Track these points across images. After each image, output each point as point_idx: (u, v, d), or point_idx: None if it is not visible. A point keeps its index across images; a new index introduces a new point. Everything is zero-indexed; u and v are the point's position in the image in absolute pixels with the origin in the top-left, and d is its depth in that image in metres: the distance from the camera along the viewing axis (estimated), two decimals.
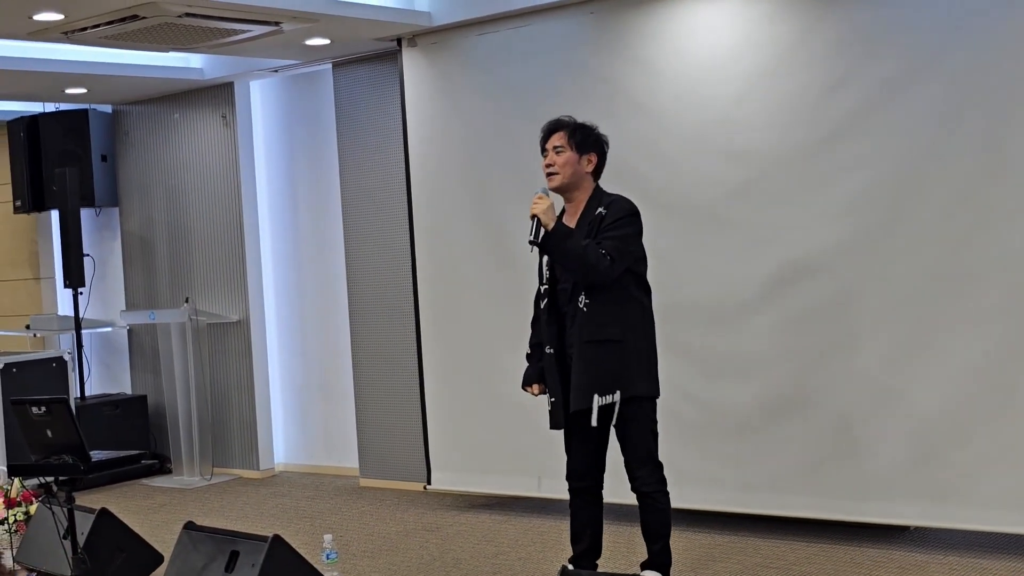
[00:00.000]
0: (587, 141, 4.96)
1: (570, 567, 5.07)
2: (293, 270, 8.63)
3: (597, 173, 5.01)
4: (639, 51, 6.28)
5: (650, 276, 5.96)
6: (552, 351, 4.93)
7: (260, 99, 8.66)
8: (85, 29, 6.14)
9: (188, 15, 5.96)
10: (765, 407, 5.95)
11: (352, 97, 7.84)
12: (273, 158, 8.68)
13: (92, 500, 7.66)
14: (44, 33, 6.27)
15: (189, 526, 5.32)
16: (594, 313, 4.81)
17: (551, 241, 4.78)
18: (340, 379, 8.28)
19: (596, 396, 4.76)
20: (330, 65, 7.94)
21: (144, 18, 5.93)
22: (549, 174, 4.95)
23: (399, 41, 7.17)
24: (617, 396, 4.78)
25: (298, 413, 8.70)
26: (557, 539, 6.08)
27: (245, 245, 8.53)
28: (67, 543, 5.17)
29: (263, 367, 8.62)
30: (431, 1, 6.89)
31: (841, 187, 5.67)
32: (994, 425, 5.33)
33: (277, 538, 4.89)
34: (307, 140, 8.45)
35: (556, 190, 4.96)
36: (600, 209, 4.88)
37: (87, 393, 9.14)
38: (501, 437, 6.87)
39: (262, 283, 8.64)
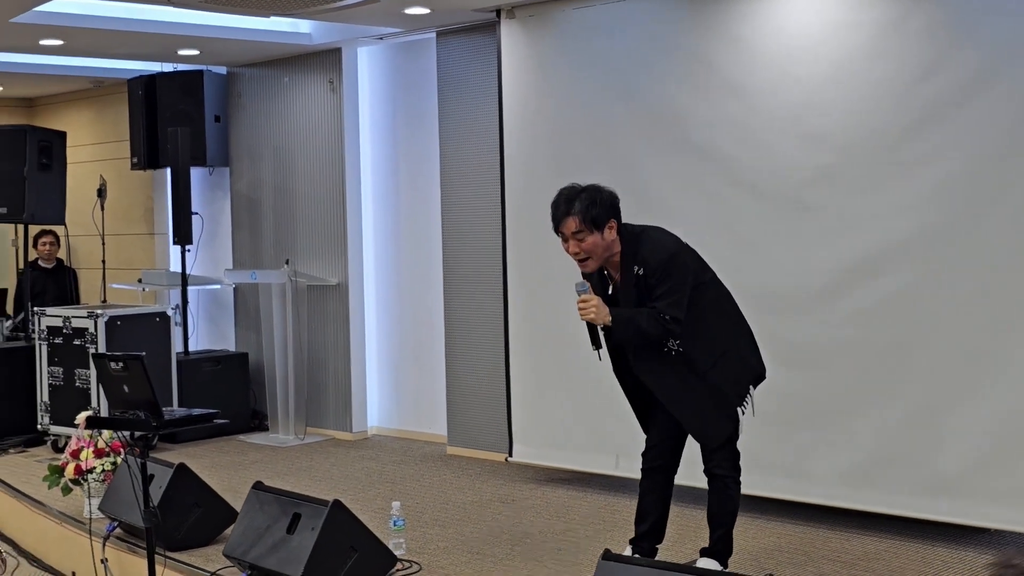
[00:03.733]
0: (604, 213, 4.68)
1: (627, 550, 5.07)
2: (392, 236, 8.71)
3: (620, 231, 4.77)
4: (733, 30, 6.17)
5: (728, 258, 5.88)
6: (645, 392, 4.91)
7: (367, 66, 8.74)
8: None
9: None
10: (841, 397, 5.83)
11: (453, 66, 7.86)
12: (377, 124, 8.76)
13: (187, 454, 7.90)
14: None
15: (257, 486, 5.43)
16: (689, 347, 4.74)
17: (616, 336, 4.75)
18: (433, 347, 8.34)
19: (739, 411, 4.84)
20: (434, 34, 7.97)
21: None
22: (581, 260, 4.75)
23: (498, 12, 7.16)
24: (752, 393, 4.88)
25: (392, 378, 8.80)
26: (628, 519, 5.98)
27: (347, 210, 8.64)
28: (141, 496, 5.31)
29: (359, 331, 8.74)
30: None
31: (926, 177, 5.51)
32: None
33: (337, 503, 4.96)
34: (410, 107, 8.50)
35: (593, 271, 4.82)
36: (636, 269, 4.72)
37: (192, 348, 9.37)
38: (582, 414, 6.86)
39: (362, 248, 8.74)
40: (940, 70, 5.45)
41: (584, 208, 4.65)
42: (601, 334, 4.81)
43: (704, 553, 4.99)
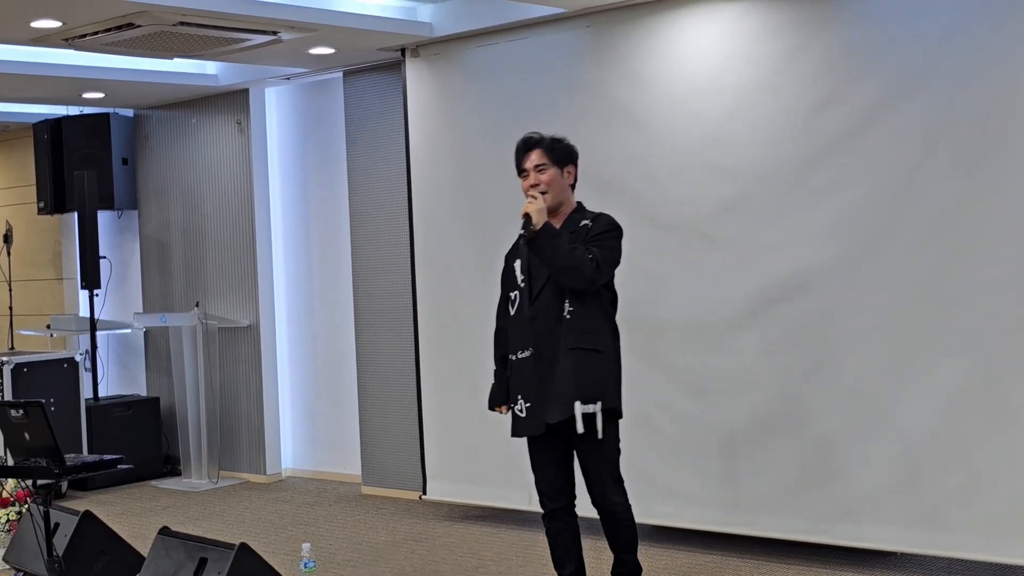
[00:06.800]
0: (565, 154, 4.94)
1: None
2: (303, 277, 8.67)
3: (574, 186, 4.98)
4: (634, 65, 6.25)
5: (637, 292, 5.96)
6: (528, 354, 4.84)
7: (275, 106, 8.72)
8: (85, 36, 6.21)
9: (183, 24, 6.01)
10: (749, 426, 5.90)
11: (360, 106, 7.88)
12: (287, 164, 8.73)
13: (98, 501, 7.79)
14: (46, 40, 6.35)
15: (164, 531, 5.36)
16: (578, 321, 4.76)
17: (540, 238, 4.70)
18: (346, 386, 8.30)
19: (578, 404, 4.71)
20: (340, 73, 7.98)
21: (140, 26, 5.99)
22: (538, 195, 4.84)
23: (403, 51, 7.19)
24: (598, 407, 4.73)
25: (306, 419, 8.74)
26: (542, 555, 6.02)
27: (257, 251, 8.59)
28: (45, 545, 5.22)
29: (272, 372, 8.67)
30: (433, 12, 6.91)
31: (828, 206, 5.61)
32: (982, 449, 5.23)
33: (243, 546, 4.91)
34: (319, 147, 8.50)
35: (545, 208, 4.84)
36: (585, 221, 4.86)
37: (103, 394, 9.24)
38: (494, 449, 6.85)
39: (273, 289, 8.69)
40: (837, 101, 5.56)
41: (549, 142, 4.91)
42: (523, 239, 4.79)
43: (619, 574, 5.02)
